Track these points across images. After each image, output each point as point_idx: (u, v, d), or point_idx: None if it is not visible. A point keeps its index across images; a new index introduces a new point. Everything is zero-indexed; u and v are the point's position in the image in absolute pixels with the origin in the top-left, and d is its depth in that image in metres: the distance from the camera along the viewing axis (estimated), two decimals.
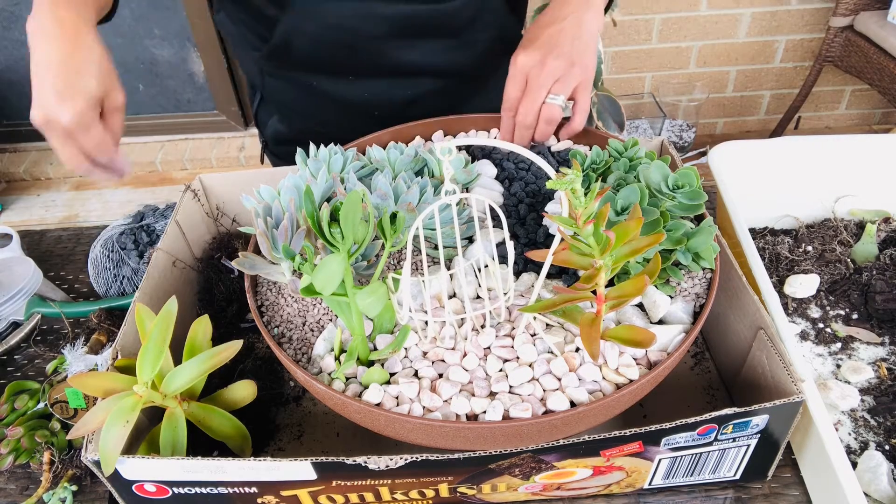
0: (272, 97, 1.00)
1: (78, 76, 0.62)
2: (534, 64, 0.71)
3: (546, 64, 0.71)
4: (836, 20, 2.01)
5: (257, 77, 0.96)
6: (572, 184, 0.47)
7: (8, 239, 0.99)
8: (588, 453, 0.55)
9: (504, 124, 0.77)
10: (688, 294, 0.62)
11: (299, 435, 0.68)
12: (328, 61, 0.88)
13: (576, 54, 0.71)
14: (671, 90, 2.22)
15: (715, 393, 0.70)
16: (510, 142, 0.76)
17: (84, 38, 0.64)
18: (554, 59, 0.71)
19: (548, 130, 0.74)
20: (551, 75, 0.71)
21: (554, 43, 0.72)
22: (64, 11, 0.63)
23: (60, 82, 0.61)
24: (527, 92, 0.72)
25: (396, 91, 0.93)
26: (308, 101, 0.96)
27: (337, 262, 0.53)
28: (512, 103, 0.74)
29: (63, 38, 0.62)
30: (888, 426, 0.65)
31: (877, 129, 2.49)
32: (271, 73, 0.93)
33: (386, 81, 0.92)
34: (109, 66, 0.65)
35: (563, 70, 0.71)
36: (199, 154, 2.58)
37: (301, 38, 0.85)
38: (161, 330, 0.57)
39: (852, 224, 0.85)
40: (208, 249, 0.83)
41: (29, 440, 0.68)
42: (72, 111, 0.61)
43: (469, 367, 0.57)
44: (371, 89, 0.92)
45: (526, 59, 0.72)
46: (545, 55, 0.71)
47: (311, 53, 0.87)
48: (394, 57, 0.88)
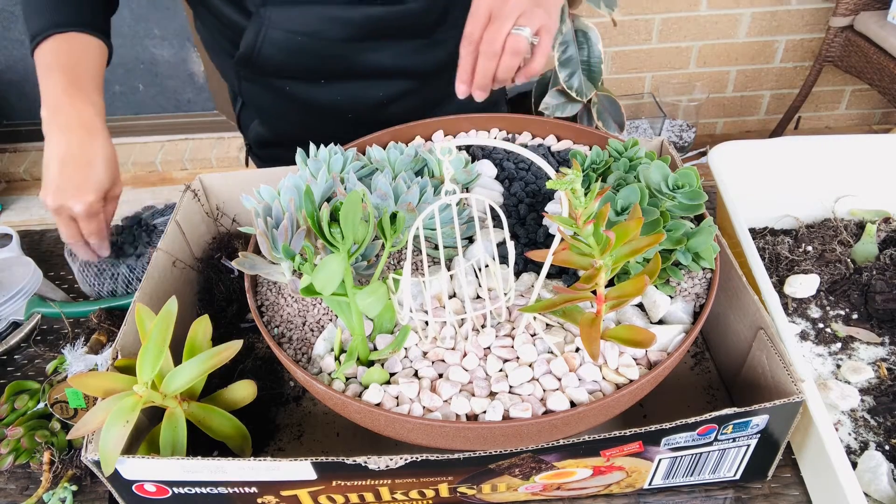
0: (251, 101, 1.00)
1: (91, 170, 0.71)
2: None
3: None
4: (836, 20, 2.01)
5: (235, 82, 0.96)
6: (572, 184, 0.47)
7: (8, 239, 0.99)
8: (588, 453, 0.55)
9: (463, 61, 0.72)
10: (688, 294, 0.62)
11: (299, 435, 0.68)
12: (297, 66, 0.88)
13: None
14: (671, 90, 2.22)
15: (715, 393, 0.70)
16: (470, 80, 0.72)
17: (99, 137, 0.72)
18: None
19: (512, 64, 0.70)
20: (517, 8, 0.68)
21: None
22: (82, 106, 0.72)
23: (77, 176, 0.70)
24: (491, 21, 0.69)
25: (369, 93, 0.92)
26: (283, 104, 0.96)
27: (337, 262, 0.53)
28: (473, 38, 0.70)
29: (82, 136, 0.71)
30: (888, 426, 0.65)
31: (877, 129, 2.49)
32: (247, 78, 0.93)
33: (357, 84, 0.92)
34: (116, 159, 0.74)
35: (527, 6, 0.69)
36: (199, 154, 2.58)
37: (269, 44, 0.84)
38: (161, 330, 0.57)
39: (852, 224, 0.85)
40: (208, 249, 0.83)
41: (29, 440, 0.68)
42: (84, 203, 0.70)
43: (469, 367, 0.57)
44: (343, 92, 0.92)
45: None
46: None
47: (280, 59, 0.87)
48: (363, 59, 0.88)
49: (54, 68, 0.73)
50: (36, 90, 0.73)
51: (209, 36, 0.95)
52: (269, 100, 0.97)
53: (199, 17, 0.94)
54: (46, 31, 0.74)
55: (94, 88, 0.74)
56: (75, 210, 0.71)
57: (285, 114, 0.99)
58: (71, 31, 0.75)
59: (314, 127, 0.98)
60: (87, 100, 0.73)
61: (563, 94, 1.03)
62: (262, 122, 1.03)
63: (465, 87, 0.74)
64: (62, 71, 0.73)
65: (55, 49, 0.74)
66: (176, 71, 2.51)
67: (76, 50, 0.75)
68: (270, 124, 1.02)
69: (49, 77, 0.72)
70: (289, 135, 1.01)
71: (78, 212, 0.71)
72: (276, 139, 1.03)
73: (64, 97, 0.71)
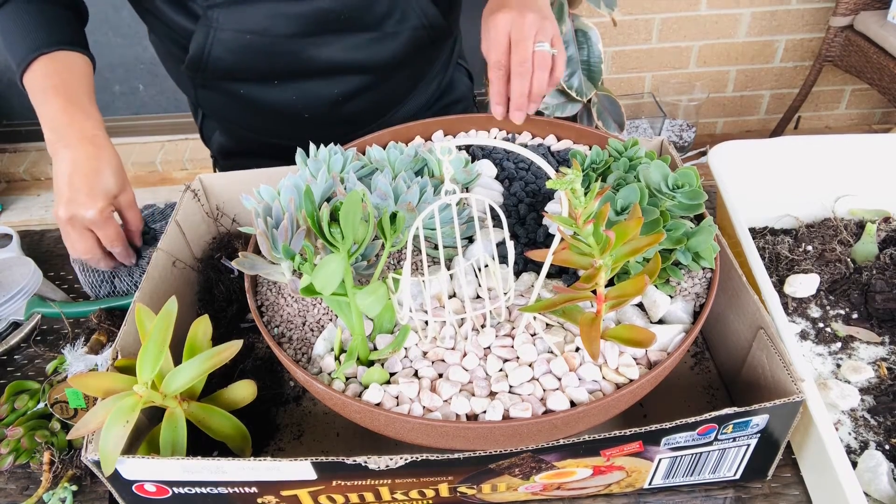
0: (208, 109, 1.00)
1: (99, 178, 0.72)
2: (513, 18, 0.74)
3: (525, 17, 0.74)
4: (836, 20, 2.01)
5: (192, 91, 0.96)
6: (572, 184, 0.47)
7: (8, 239, 0.99)
8: (588, 453, 0.55)
9: (495, 85, 0.77)
10: (688, 294, 0.62)
11: (299, 435, 0.68)
12: (249, 67, 0.88)
13: (544, 11, 0.76)
14: (671, 90, 2.22)
15: (715, 393, 0.70)
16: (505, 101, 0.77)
17: (104, 148, 0.74)
18: (529, 12, 0.74)
19: (544, 77, 0.75)
20: (532, 26, 0.74)
21: (523, 2, 0.76)
22: (83, 122, 0.73)
23: (86, 185, 0.71)
24: (514, 44, 0.74)
25: (324, 90, 0.92)
26: (238, 109, 0.96)
27: (337, 262, 0.53)
28: (501, 63, 0.75)
29: (88, 149, 0.72)
30: (888, 426, 0.65)
31: (877, 129, 2.49)
32: (202, 84, 0.93)
33: (311, 82, 0.91)
34: (122, 168, 0.76)
35: (539, 22, 0.74)
36: (199, 154, 2.58)
37: (218, 46, 0.84)
38: (161, 330, 0.57)
39: (852, 224, 0.85)
40: (208, 249, 0.83)
41: (29, 440, 0.68)
42: (95, 209, 0.71)
43: (469, 366, 0.57)
44: (297, 91, 0.92)
45: (505, 16, 0.75)
46: (521, 10, 0.74)
47: (230, 60, 0.87)
48: (314, 55, 0.88)
49: (48, 90, 0.74)
50: None
51: (161, 46, 0.95)
52: (224, 106, 0.97)
53: (151, 29, 0.94)
54: (31, 54, 0.75)
55: (89, 102, 0.76)
56: (87, 217, 0.72)
57: (242, 119, 0.99)
58: (54, 51, 0.76)
59: (272, 131, 0.99)
60: (86, 115, 0.74)
61: (563, 94, 1.03)
62: (222, 132, 1.04)
63: (501, 109, 0.78)
64: (56, 92, 0.74)
65: (44, 71, 0.75)
66: None
67: (64, 69, 0.76)
68: (230, 132, 1.02)
69: (45, 101, 0.74)
70: (248, 141, 1.02)
71: (90, 218, 0.72)
72: (238, 148, 1.04)
73: (63, 117, 0.73)
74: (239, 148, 1.04)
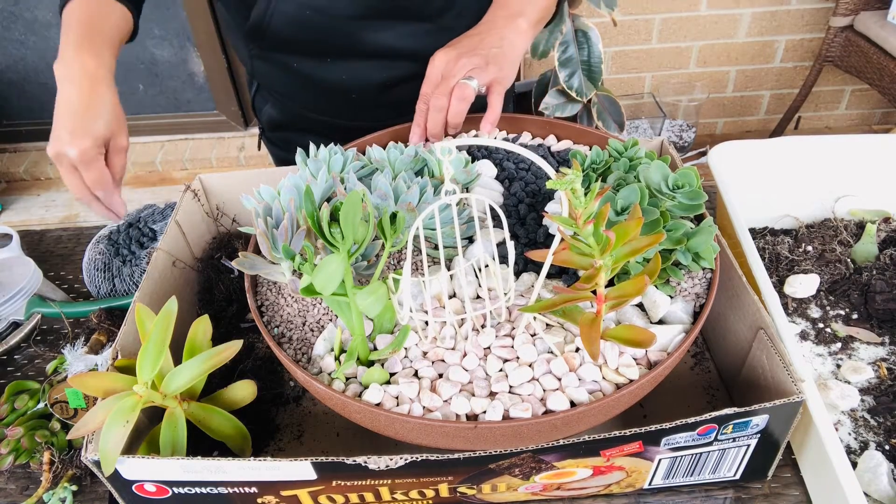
0: (262, 81, 1.02)
1: (89, 119, 0.71)
2: (449, 59, 0.75)
3: (460, 59, 0.75)
4: (836, 20, 2.01)
5: (248, 61, 0.98)
6: (572, 184, 0.47)
7: (8, 239, 0.99)
8: (588, 453, 0.55)
9: (417, 116, 0.77)
10: (688, 294, 0.62)
11: (299, 435, 0.68)
12: (305, 42, 0.90)
13: (491, 57, 0.76)
14: (671, 90, 2.22)
15: (715, 393, 0.70)
16: (423, 132, 0.77)
17: (101, 86, 0.73)
18: (469, 57, 0.75)
19: (461, 108, 0.74)
20: (465, 67, 0.74)
21: (472, 46, 0.76)
22: (88, 59, 0.73)
23: (74, 124, 0.71)
24: (441, 81, 0.75)
25: (373, 73, 0.94)
26: (290, 82, 0.98)
27: (337, 262, 0.53)
28: (426, 96, 0.76)
29: (83, 85, 0.72)
30: (888, 426, 0.65)
31: (877, 129, 2.49)
32: (258, 55, 0.95)
33: (363, 63, 0.93)
34: (119, 112, 0.75)
35: (477, 64, 0.75)
36: (199, 154, 2.58)
37: (278, 18, 0.86)
38: (161, 330, 0.57)
39: (852, 224, 0.85)
40: (208, 249, 0.83)
41: (29, 440, 0.68)
42: (78, 148, 0.70)
43: (469, 367, 0.57)
44: (348, 71, 0.93)
45: (442, 56, 0.76)
46: (461, 54, 0.75)
47: (288, 33, 0.88)
48: (368, 38, 0.89)
49: (72, 25, 0.75)
50: (36, 90, 0.73)
51: (226, 13, 0.96)
52: (277, 78, 0.98)
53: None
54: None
55: (104, 44, 0.75)
56: (70, 155, 0.70)
57: (293, 92, 1.00)
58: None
59: (320, 107, 1.00)
60: (95, 53, 0.74)
61: (563, 94, 1.03)
62: (273, 104, 1.05)
63: (416, 138, 0.78)
64: (77, 27, 0.75)
65: (80, 8, 0.76)
66: (176, 71, 2.51)
67: (97, 11, 0.77)
68: (280, 105, 1.04)
69: (66, 34, 0.75)
70: (297, 115, 1.03)
71: (72, 157, 0.71)
72: (286, 121, 1.05)
73: (72, 51, 0.73)
74: (287, 121, 1.05)
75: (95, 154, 0.72)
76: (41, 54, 2.43)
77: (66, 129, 0.70)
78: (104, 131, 0.72)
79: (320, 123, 1.02)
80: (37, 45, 2.41)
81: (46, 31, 2.38)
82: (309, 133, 0.99)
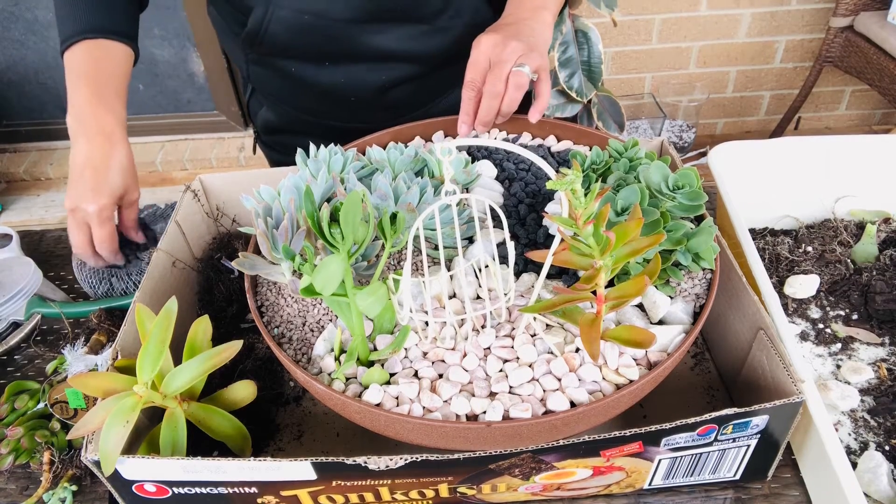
0: (259, 85, 1.02)
1: (107, 175, 0.75)
2: (496, 43, 0.75)
3: (508, 44, 0.74)
4: (836, 20, 2.01)
5: (244, 66, 0.98)
6: (572, 184, 0.47)
7: (8, 239, 0.99)
8: (588, 453, 0.55)
9: (465, 104, 0.77)
10: (688, 294, 0.62)
11: (299, 435, 0.68)
12: (303, 46, 0.90)
13: (534, 43, 0.76)
14: (671, 90, 2.22)
15: (715, 393, 0.70)
16: (472, 120, 0.77)
17: (118, 143, 0.76)
18: (515, 41, 0.74)
19: (516, 96, 0.74)
20: (514, 52, 0.74)
21: (514, 31, 0.76)
22: (103, 115, 0.76)
23: (94, 179, 0.74)
24: (492, 66, 0.74)
25: (372, 76, 0.94)
26: (287, 86, 0.98)
27: (337, 262, 0.53)
28: (475, 84, 0.75)
29: (101, 143, 0.75)
30: (888, 426, 0.65)
31: (877, 130, 2.49)
32: (255, 60, 0.95)
33: (360, 66, 0.93)
34: (133, 167, 0.78)
35: (524, 50, 0.74)
36: (199, 154, 2.58)
37: (276, 22, 0.86)
38: (161, 330, 0.57)
39: (852, 224, 0.85)
40: (208, 249, 0.83)
41: (29, 440, 0.68)
42: (98, 205, 0.74)
43: (469, 367, 0.57)
44: (346, 74, 0.93)
45: (488, 40, 0.75)
46: (507, 38, 0.75)
47: (286, 38, 0.88)
48: (366, 41, 0.89)
49: (81, 77, 0.77)
50: (36, 91, 0.74)
51: (220, 18, 0.97)
52: (274, 82, 0.98)
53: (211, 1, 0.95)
54: (77, 36, 0.78)
55: (115, 98, 0.78)
56: (88, 210, 0.74)
57: (290, 96, 1.00)
58: (100, 38, 0.79)
59: (318, 111, 1.00)
60: (109, 109, 0.77)
61: (564, 95, 1.03)
62: (269, 108, 1.05)
63: (466, 128, 0.78)
64: (87, 80, 0.77)
65: (83, 56, 0.78)
66: (176, 71, 2.51)
67: (103, 58, 0.79)
68: (277, 109, 1.04)
69: (76, 86, 0.77)
70: (294, 119, 1.03)
71: (91, 212, 0.74)
72: (283, 125, 1.06)
73: (88, 107, 0.76)
74: (283, 125, 1.06)
75: (111, 213, 0.76)
76: (41, 54, 2.43)
77: (87, 185, 0.74)
78: (121, 187, 0.76)
79: (317, 126, 1.02)
80: (37, 46, 2.41)
81: (46, 32, 2.38)
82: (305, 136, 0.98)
